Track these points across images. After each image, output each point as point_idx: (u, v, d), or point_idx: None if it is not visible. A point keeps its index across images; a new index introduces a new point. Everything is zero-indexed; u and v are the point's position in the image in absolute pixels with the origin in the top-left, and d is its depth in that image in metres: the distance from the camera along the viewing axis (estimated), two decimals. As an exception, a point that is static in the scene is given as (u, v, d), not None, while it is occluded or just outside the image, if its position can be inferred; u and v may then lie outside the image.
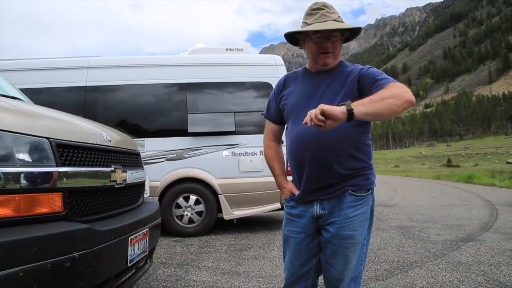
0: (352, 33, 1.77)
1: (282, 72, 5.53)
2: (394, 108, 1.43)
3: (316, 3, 1.75)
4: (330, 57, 1.73)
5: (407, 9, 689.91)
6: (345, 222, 1.68)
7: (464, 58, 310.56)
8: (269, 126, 2.00)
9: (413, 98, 1.48)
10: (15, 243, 1.42)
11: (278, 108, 1.91)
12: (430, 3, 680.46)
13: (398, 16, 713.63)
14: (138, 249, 2.21)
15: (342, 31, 1.71)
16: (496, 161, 61.79)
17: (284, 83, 1.92)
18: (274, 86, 1.99)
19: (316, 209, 1.73)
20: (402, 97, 1.45)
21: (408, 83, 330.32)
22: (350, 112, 1.38)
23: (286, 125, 1.91)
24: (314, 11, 1.72)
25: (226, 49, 6.06)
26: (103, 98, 5.54)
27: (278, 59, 5.82)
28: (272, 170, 1.96)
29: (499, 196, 10.53)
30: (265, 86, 5.55)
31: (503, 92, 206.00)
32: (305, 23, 1.73)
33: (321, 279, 1.83)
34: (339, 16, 1.72)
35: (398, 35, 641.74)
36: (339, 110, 1.37)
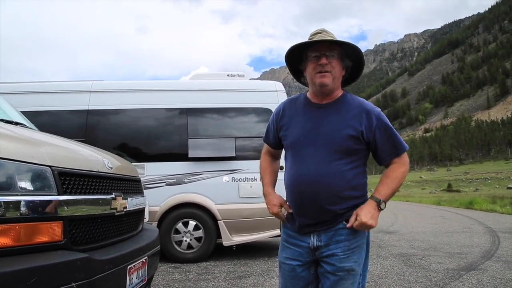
0: (354, 68, 1.81)
1: (283, 98, 5.55)
2: (402, 181, 1.76)
3: (316, 29, 1.79)
4: (327, 76, 1.69)
5: (406, 35, 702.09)
6: (344, 254, 1.68)
7: (462, 83, 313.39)
8: (268, 147, 2.05)
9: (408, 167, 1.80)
10: (13, 274, 1.40)
11: (277, 136, 1.94)
12: (428, 29, 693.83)
13: (397, 42, 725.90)
14: (136, 278, 2.18)
15: (337, 43, 1.70)
16: (497, 186, 61.45)
17: (283, 111, 1.91)
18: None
19: (313, 240, 1.74)
20: (404, 176, 1.76)
21: (407, 107, 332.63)
22: (381, 206, 1.68)
23: (285, 153, 1.93)
24: (312, 36, 1.75)
25: (228, 75, 6.14)
26: (105, 122, 5.57)
27: (279, 85, 5.88)
28: (262, 179, 2.01)
29: (500, 222, 10.43)
30: (266, 111, 5.59)
31: (502, 117, 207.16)
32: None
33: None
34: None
35: (397, 60, 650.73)
36: (374, 220, 1.65)
